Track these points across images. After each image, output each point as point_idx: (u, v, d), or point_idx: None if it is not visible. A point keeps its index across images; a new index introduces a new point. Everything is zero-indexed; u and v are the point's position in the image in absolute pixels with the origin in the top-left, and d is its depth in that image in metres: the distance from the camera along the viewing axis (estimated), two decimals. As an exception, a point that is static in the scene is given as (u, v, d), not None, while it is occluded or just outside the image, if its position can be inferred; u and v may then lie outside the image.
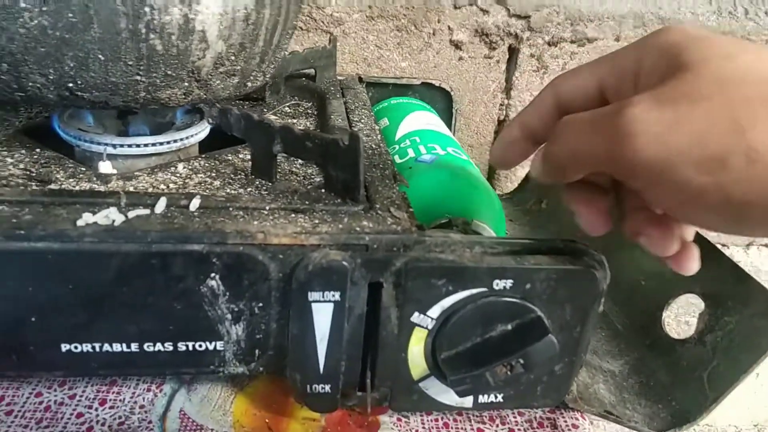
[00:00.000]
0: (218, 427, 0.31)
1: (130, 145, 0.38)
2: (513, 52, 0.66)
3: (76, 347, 0.29)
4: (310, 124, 0.49)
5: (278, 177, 0.35)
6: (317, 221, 0.30)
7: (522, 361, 0.29)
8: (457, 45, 0.64)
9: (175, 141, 0.39)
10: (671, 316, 0.49)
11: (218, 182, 0.35)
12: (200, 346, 0.30)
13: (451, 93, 0.63)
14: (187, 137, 0.39)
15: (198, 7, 0.32)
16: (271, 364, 0.31)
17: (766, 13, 0.68)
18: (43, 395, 0.32)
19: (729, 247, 0.80)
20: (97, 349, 0.29)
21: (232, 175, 0.36)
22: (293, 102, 0.53)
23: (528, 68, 0.66)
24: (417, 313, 0.29)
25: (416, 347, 0.30)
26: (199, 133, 0.41)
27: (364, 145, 0.40)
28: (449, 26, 0.63)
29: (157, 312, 0.28)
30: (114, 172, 0.36)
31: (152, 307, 0.28)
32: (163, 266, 0.27)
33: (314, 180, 0.37)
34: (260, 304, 0.29)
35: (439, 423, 0.34)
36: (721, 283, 0.39)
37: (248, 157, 0.39)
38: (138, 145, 0.38)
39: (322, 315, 0.29)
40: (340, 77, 0.59)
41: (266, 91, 0.51)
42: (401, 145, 0.47)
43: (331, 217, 0.31)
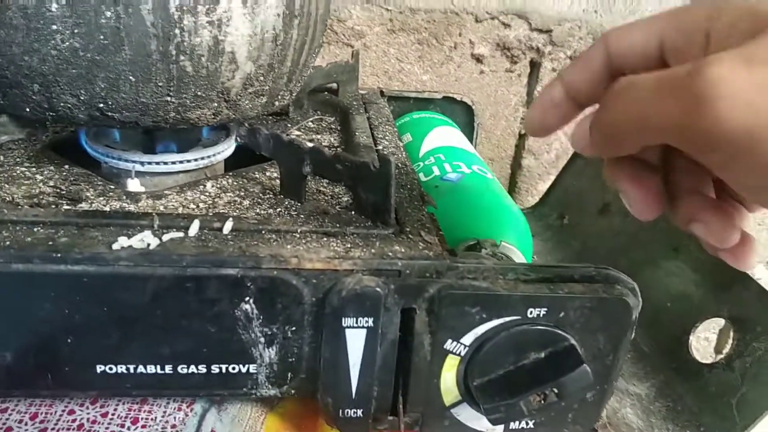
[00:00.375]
0: (247, 449, 0.31)
1: (158, 163, 0.38)
2: (534, 66, 0.66)
3: (110, 368, 0.29)
4: (334, 139, 0.49)
5: (306, 197, 0.35)
6: (349, 245, 0.30)
7: (556, 391, 0.29)
8: (478, 59, 0.64)
9: (203, 158, 0.39)
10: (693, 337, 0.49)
11: (247, 202, 0.35)
12: (233, 368, 0.29)
13: (473, 107, 0.63)
14: (215, 154, 0.39)
15: (228, 29, 0.32)
16: (302, 387, 0.31)
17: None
18: (76, 413, 0.32)
19: (749, 263, 0.79)
20: (131, 371, 0.29)
21: (260, 195, 0.36)
22: (316, 117, 0.53)
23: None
24: (450, 340, 0.29)
25: (449, 374, 0.30)
26: (226, 150, 0.41)
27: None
28: (470, 40, 0.63)
29: (190, 335, 0.28)
30: (142, 189, 0.36)
31: (186, 330, 0.28)
32: (198, 290, 0.27)
33: (342, 200, 0.37)
34: (293, 328, 0.29)
35: (467, 447, 0.33)
36: (749, 308, 0.39)
37: (275, 174, 0.39)
38: (166, 163, 0.38)
39: (355, 340, 0.29)
40: (361, 91, 0.59)
41: (290, 107, 0.51)
42: (425, 163, 0.46)
43: (363, 241, 0.31)
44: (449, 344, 0.29)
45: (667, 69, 0.21)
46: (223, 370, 0.29)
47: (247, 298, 0.28)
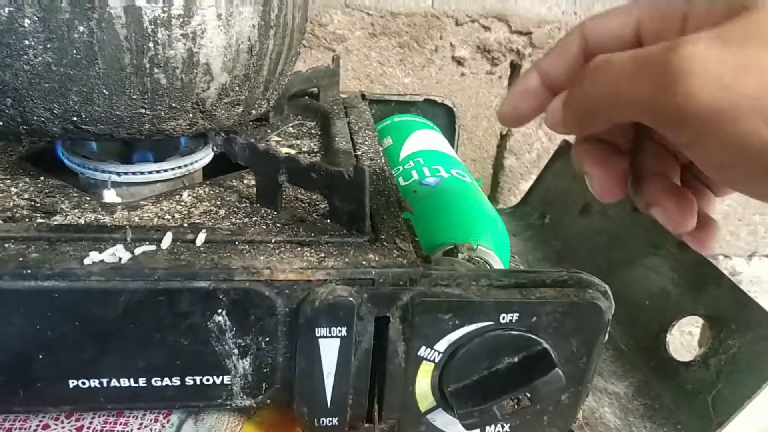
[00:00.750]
0: (225, 459, 0.32)
1: (134, 173, 0.38)
2: (515, 68, 0.66)
3: (83, 383, 0.29)
4: (314, 144, 0.49)
5: (283, 205, 0.35)
6: (323, 255, 0.30)
7: (529, 395, 0.29)
8: (459, 61, 0.64)
9: (180, 167, 0.39)
10: (675, 326, 0.49)
11: (223, 211, 0.35)
12: (207, 380, 0.30)
13: (454, 109, 0.63)
14: (192, 163, 0.39)
15: (202, 41, 0.32)
16: (278, 397, 0.31)
17: None
18: (51, 427, 0.32)
19: (731, 258, 0.80)
20: (104, 385, 0.29)
21: (237, 204, 0.36)
22: (297, 122, 0.53)
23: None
24: (424, 347, 0.29)
25: (423, 380, 0.30)
26: (204, 158, 0.41)
27: (370, 172, 0.40)
28: (451, 43, 0.63)
29: (164, 347, 0.28)
30: (118, 200, 0.36)
31: (159, 343, 0.28)
32: (170, 303, 0.27)
33: (319, 207, 0.37)
34: (267, 339, 0.29)
35: (446, 452, 0.34)
36: (724, 306, 0.40)
37: (253, 182, 0.39)
38: (143, 173, 0.38)
39: (329, 350, 0.29)
40: (343, 95, 0.59)
41: (270, 112, 0.51)
42: (405, 167, 0.47)
43: (337, 250, 0.31)
44: (423, 351, 0.30)
45: (643, 48, 0.22)
46: (198, 382, 0.30)
47: (219, 310, 0.28)
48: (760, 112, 0.19)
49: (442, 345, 0.30)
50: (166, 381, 0.29)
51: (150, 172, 0.38)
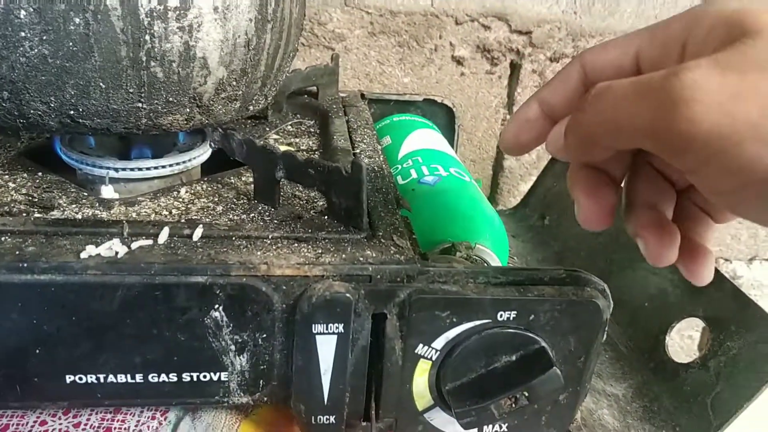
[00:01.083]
0: (221, 456, 0.31)
1: (132, 169, 0.37)
2: (515, 67, 0.66)
3: (80, 378, 0.28)
4: (313, 143, 0.49)
5: (281, 201, 0.35)
6: (320, 251, 0.30)
7: (527, 394, 0.29)
8: (459, 61, 0.64)
9: (178, 164, 0.39)
10: (675, 330, 0.48)
11: (221, 207, 0.35)
12: (204, 376, 0.29)
13: (453, 109, 0.63)
14: (190, 159, 0.39)
15: (199, 35, 0.32)
16: (275, 394, 0.31)
17: None
18: (48, 423, 0.32)
19: (732, 262, 0.80)
20: (101, 380, 0.29)
21: (234, 200, 0.36)
22: (296, 120, 0.53)
23: (530, 84, 0.66)
24: (421, 345, 0.29)
25: (420, 378, 0.30)
26: (202, 155, 0.40)
27: (368, 169, 0.40)
28: (451, 42, 0.63)
29: (161, 343, 0.28)
30: (116, 196, 0.36)
31: (156, 339, 0.28)
32: (167, 298, 0.27)
33: (317, 204, 0.37)
34: (264, 335, 0.29)
35: (443, 451, 0.34)
36: (723, 308, 0.39)
37: (251, 179, 0.39)
38: (141, 169, 0.38)
39: (326, 347, 0.29)
40: (342, 94, 0.58)
41: (268, 110, 0.51)
42: (403, 165, 0.47)
43: (334, 246, 0.31)
44: (420, 349, 0.29)
45: (644, 75, 0.22)
46: (195, 379, 0.29)
47: (216, 306, 0.28)
48: (762, 138, 0.19)
49: (439, 343, 0.29)
50: (163, 377, 0.29)
51: (148, 168, 0.38)
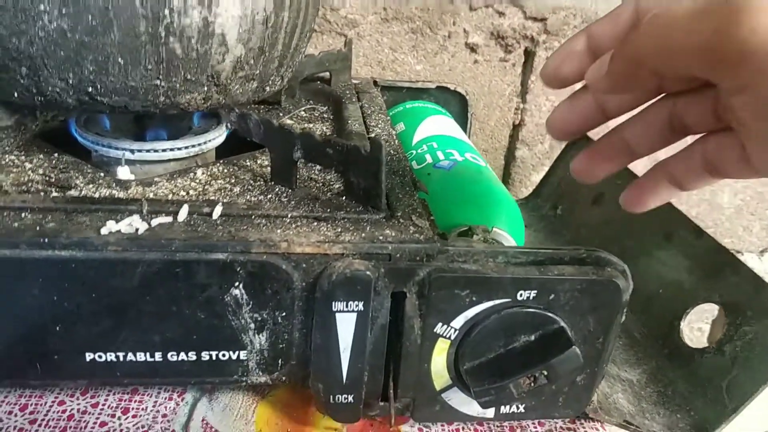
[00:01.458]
0: (239, 436, 0.31)
1: (148, 150, 0.37)
2: (529, 55, 0.66)
3: (100, 356, 0.28)
4: (327, 128, 0.48)
5: (298, 184, 0.35)
6: (340, 230, 0.30)
7: (546, 373, 0.29)
8: (472, 48, 0.64)
9: (194, 146, 0.39)
10: (685, 323, 0.48)
11: (238, 189, 0.35)
12: (223, 355, 0.29)
13: (467, 97, 0.63)
14: (206, 142, 0.39)
15: (218, 10, 0.31)
16: (293, 373, 0.31)
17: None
18: (66, 404, 0.32)
19: (743, 254, 0.80)
20: (120, 359, 0.29)
21: (251, 182, 0.36)
22: (309, 106, 0.53)
23: (543, 72, 0.66)
24: (440, 324, 0.29)
25: (439, 357, 0.30)
26: (217, 138, 0.40)
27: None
28: (465, 29, 0.63)
29: (180, 321, 0.28)
30: (132, 177, 0.36)
31: (176, 317, 0.28)
32: (187, 275, 0.27)
33: (334, 187, 0.37)
34: (283, 314, 0.29)
35: (460, 432, 0.34)
36: (741, 292, 0.39)
37: (266, 162, 0.39)
38: (156, 150, 0.38)
39: (345, 325, 0.29)
40: (354, 80, 0.58)
41: (282, 95, 0.51)
42: (418, 151, 0.46)
43: (353, 226, 0.30)
44: (439, 328, 0.29)
45: None
46: (214, 357, 0.29)
47: (236, 284, 0.28)
48: None
49: (458, 322, 0.29)
50: (182, 356, 0.29)
51: (164, 150, 0.38)
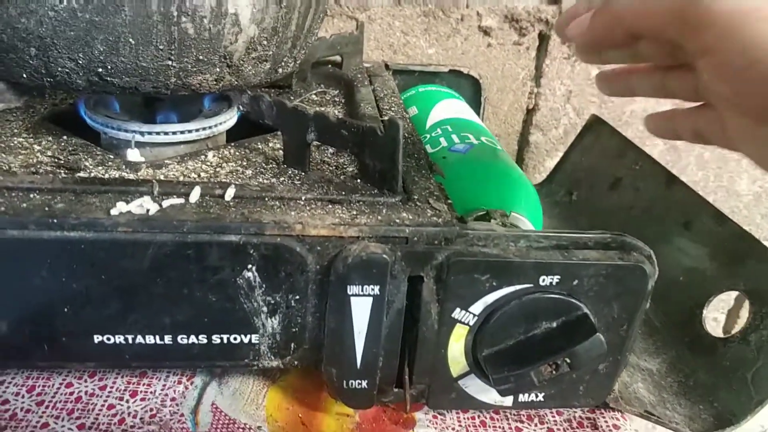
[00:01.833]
0: (251, 422, 0.31)
1: (158, 133, 0.37)
2: (543, 38, 0.64)
3: (108, 338, 0.28)
4: (338, 112, 0.47)
5: (311, 166, 0.34)
6: (355, 212, 0.29)
7: (568, 361, 0.28)
8: (485, 31, 0.63)
9: (204, 129, 0.38)
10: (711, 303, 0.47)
11: (250, 171, 0.34)
12: (235, 339, 0.29)
13: (480, 81, 0.62)
14: (216, 125, 0.38)
15: (231, -11, 0.31)
16: (306, 357, 0.30)
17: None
18: (74, 386, 0.31)
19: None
20: (129, 341, 0.28)
21: (263, 164, 0.35)
22: (320, 90, 0.52)
23: (558, 55, 0.64)
24: (458, 309, 0.28)
25: (456, 344, 0.29)
26: (228, 120, 0.40)
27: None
28: (478, 12, 0.62)
29: (191, 304, 0.28)
30: (142, 160, 0.35)
31: (186, 299, 0.27)
32: (199, 257, 0.27)
33: (347, 170, 0.36)
34: (297, 297, 0.28)
35: (476, 421, 0.33)
36: (766, 281, 0.38)
37: (278, 145, 0.38)
38: (166, 133, 0.37)
39: (360, 309, 0.28)
40: (366, 64, 0.57)
41: (292, 79, 0.50)
42: (432, 134, 0.45)
43: (369, 209, 0.30)
44: (457, 313, 0.28)
45: None
46: (225, 341, 0.29)
47: (249, 266, 0.27)
48: None
49: (477, 307, 0.28)
50: (193, 339, 0.28)
51: (174, 133, 0.37)
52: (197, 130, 0.38)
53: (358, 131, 0.31)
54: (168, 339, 0.28)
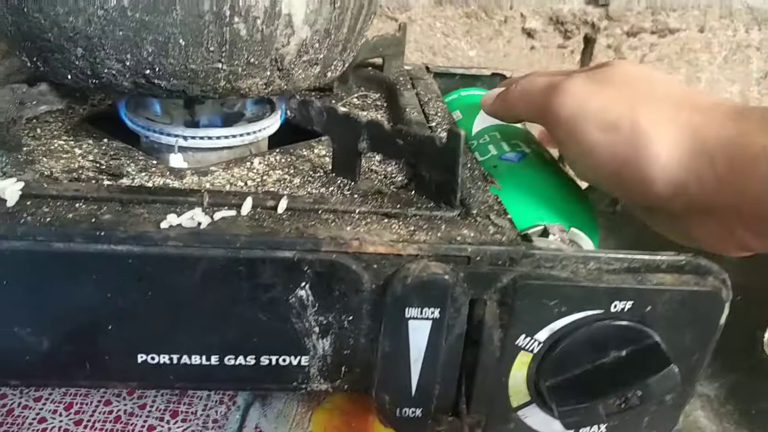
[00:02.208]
0: (296, 446, 0.29)
1: (202, 137, 0.35)
2: (589, 42, 0.62)
3: (153, 358, 0.27)
4: (381, 116, 0.46)
5: (360, 176, 0.33)
6: (413, 228, 0.27)
7: (639, 393, 0.26)
8: (529, 33, 0.61)
9: (248, 134, 0.36)
10: None
11: (298, 180, 0.33)
12: (284, 360, 0.27)
13: (522, 85, 0.60)
14: (261, 130, 0.37)
15: (285, -11, 0.29)
16: (356, 381, 0.28)
17: None
18: (113, 404, 0.30)
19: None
20: (174, 361, 0.27)
21: (311, 173, 0.34)
22: (361, 93, 0.50)
23: (604, 60, 0.62)
24: (523, 336, 0.27)
25: (518, 372, 0.27)
26: (272, 125, 0.38)
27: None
28: (522, 13, 0.60)
29: (240, 323, 0.26)
30: (185, 165, 0.34)
31: (236, 318, 0.26)
32: (251, 274, 0.25)
33: (396, 179, 0.34)
34: (350, 317, 0.27)
35: (531, 450, 0.31)
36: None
37: (324, 152, 0.36)
38: (210, 138, 0.35)
39: (418, 333, 0.26)
40: (406, 66, 0.55)
41: (334, 82, 0.49)
42: (480, 141, 0.43)
43: (427, 224, 0.28)
44: (522, 340, 0.27)
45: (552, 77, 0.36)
46: (273, 362, 0.27)
47: (302, 284, 0.26)
48: (595, 122, 0.32)
49: (543, 334, 0.27)
50: (240, 360, 0.27)
51: (218, 138, 0.36)
52: (241, 135, 0.36)
53: (415, 141, 0.29)
54: (215, 359, 0.27)
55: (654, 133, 0.30)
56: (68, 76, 0.30)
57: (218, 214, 0.26)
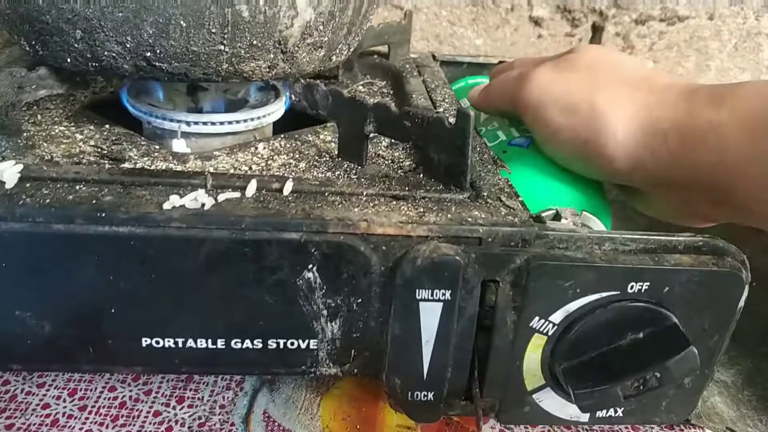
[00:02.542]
0: (305, 433, 0.29)
1: (205, 123, 0.35)
2: (597, 30, 0.61)
3: (157, 342, 0.26)
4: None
5: (367, 160, 0.32)
6: (422, 209, 0.27)
7: (658, 375, 0.25)
8: (536, 22, 0.60)
9: (253, 119, 0.36)
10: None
11: (303, 164, 0.32)
12: (292, 344, 0.27)
13: (530, 73, 0.59)
14: (265, 115, 0.36)
15: (288, -32, 0.28)
16: (366, 365, 0.28)
17: None
18: (117, 390, 0.30)
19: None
20: (180, 345, 0.26)
21: (316, 157, 0.33)
22: (366, 80, 0.49)
23: (612, 48, 0.61)
24: (537, 318, 0.26)
25: (533, 355, 0.27)
26: (277, 111, 0.37)
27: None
28: (529, 1, 0.59)
29: (246, 306, 0.26)
30: (188, 150, 0.34)
31: (242, 301, 0.25)
32: (257, 255, 0.24)
33: (404, 164, 0.33)
34: (359, 300, 0.26)
35: (545, 437, 0.30)
36: None
37: (329, 137, 0.36)
38: (214, 123, 0.35)
39: (429, 315, 0.26)
40: (412, 55, 0.55)
41: (339, 69, 0.48)
42: (488, 128, 0.43)
43: (436, 206, 0.27)
44: (536, 322, 0.26)
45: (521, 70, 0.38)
46: (281, 346, 0.27)
47: (310, 266, 0.25)
48: (558, 106, 0.34)
49: (558, 316, 0.26)
50: (247, 343, 0.26)
51: (221, 123, 0.35)
52: (245, 120, 0.35)
53: (423, 122, 0.29)
54: (221, 343, 0.26)
55: (611, 114, 0.32)
56: (68, 60, 0.30)
57: (222, 196, 0.25)
